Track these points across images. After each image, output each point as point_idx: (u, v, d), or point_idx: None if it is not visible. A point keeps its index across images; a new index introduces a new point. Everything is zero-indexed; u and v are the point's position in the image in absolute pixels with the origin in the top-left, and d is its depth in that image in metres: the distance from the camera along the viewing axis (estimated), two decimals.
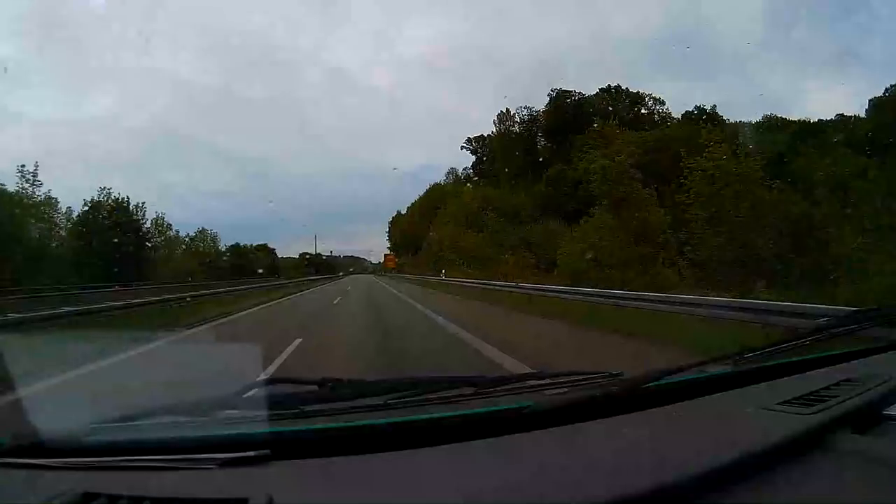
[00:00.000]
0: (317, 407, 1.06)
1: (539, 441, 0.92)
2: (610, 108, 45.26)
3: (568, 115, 46.24)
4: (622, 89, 48.26)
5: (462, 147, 59.41)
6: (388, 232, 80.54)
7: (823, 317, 2.55)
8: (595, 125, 39.37)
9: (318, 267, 77.04)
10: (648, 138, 35.28)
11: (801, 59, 62.78)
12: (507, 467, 0.82)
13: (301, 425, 1.01)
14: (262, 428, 0.97)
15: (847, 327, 1.55)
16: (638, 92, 47.73)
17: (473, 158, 59.37)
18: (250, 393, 1.11)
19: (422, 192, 67.83)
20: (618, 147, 32.22)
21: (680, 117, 41.40)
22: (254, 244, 61.18)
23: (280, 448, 0.86)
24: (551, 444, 0.91)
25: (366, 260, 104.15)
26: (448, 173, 63.67)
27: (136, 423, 1.04)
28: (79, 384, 4.67)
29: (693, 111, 40.04)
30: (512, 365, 4.96)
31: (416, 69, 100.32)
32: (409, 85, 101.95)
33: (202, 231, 49.52)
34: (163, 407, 1.08)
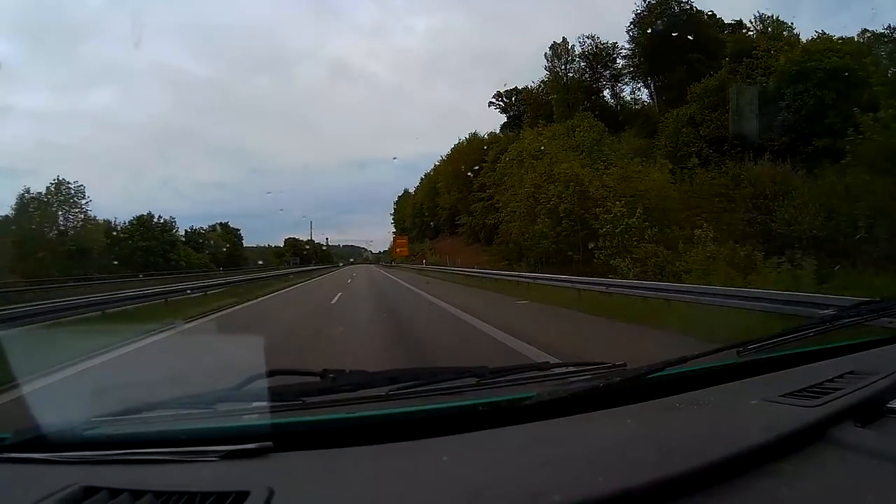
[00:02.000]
0: (318, 398, 1.06)
1: (541, 432, 0.92)
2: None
3: (679, 25, 30.67)
4: (715, 16, 32.82)
5: (490, 104, 46.67)
6: (393, 214, 72.05)
7: (828, 308, 2.53)
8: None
9: (310, 256, 67.85)
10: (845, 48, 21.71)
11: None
12: (510, 458, 0.81)
13: (303, 417, 1.01)
14: (264, 420, 0.98)
15: (851, 319, 1.53)
16: (740, 20, 31.99)
17: (504, 119, 46.18)
18: (251, 385, 1.11)
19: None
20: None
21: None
22: (206, 226, 49.08)
23: (282, 440, 0.87)
24: (554, 435, 0.91)
25: (365, 250, 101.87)
26: (469, 140, 47.97)
27: (137, 416, 1.04)
28: (81, 378, 4.64)
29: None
30: None
31: (415, 59, 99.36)
32: (407, 75, 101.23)
33: (60, 184, 30.60)
34: (164, 400, 1.08)
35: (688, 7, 32.19)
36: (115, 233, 35.31)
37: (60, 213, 31.60)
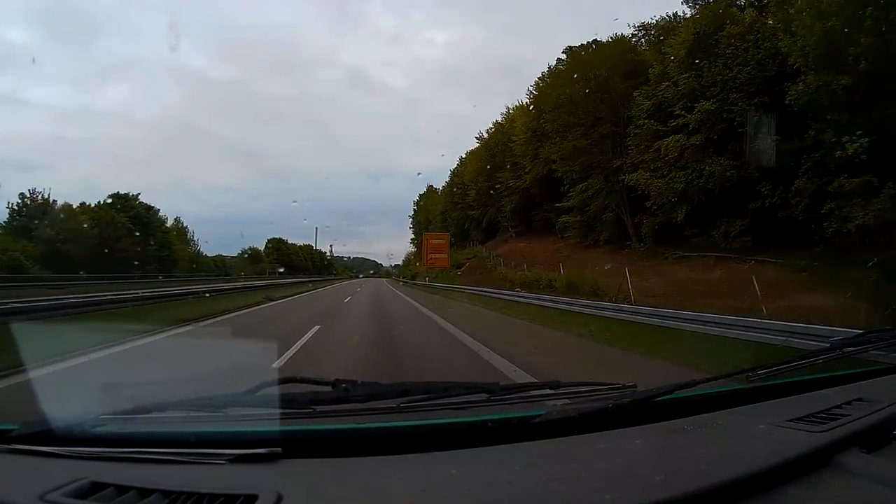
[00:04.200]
0: (329, 408, 1.08)
1: (550, 449, 0.92)
2: None
3: None
4: None
5: (557, 62, 28.43)
6: (413, 217, 60.20)
7: (836, 337, 2.32)
8: None
9: (302, 265, 59.48)
10: None
11: None
12: (518, 474, 0.82)
13: (313, 425, 1.03)
14: (274, 426, 0.99)
15: (860, 347, 1.54)
16: None
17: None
18: (263, 391, 1.12)
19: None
20: None
21: None
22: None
23: (291, 447, 0.87)
24: (562, 453, 0.92)
25: (377, 263, 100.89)
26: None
27: (146, 415, 1.06)
28: (90, 373, 4.62)
29: None
30: None
31: (433, 71, 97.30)
32: (425, 86, 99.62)
33: None
34: (174, 401, 1.10)
35: None
36: None
37: None
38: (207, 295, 13.54)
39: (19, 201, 27.71)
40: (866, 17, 10.68)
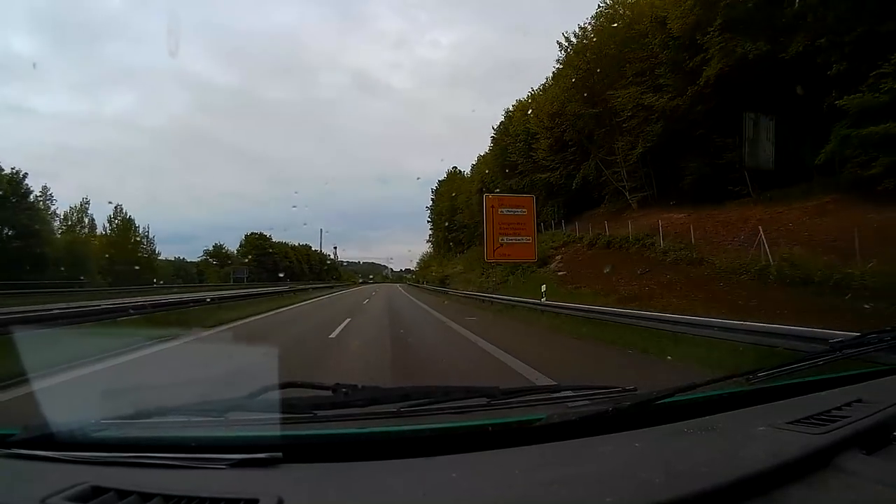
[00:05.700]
0: (330, 412, 1.08)
1: (550, 453, 0.93)
2: None
3: None
4: None
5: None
6: (431, 208, 54.45)
7: (835, 338, 2.33)
8: None
9: (293, 269, 53.79)
10: None
11: None
12: (518, 478, 0.82)
13: (314, 429, 1.03)
14: (275, 431, 0.99)
15: (859, 349, 1.54)
16: None
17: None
18: (264, 396, 1.12)
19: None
20: None
21: None
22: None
23: (292, 451, 0.88)
24: (563, 457, 0.92)
25: (384, 267, 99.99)
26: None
27: (147, 420, 1.06)
28: (93, 379, 4.64)
29: None
30: None
31: (438, 72, 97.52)
32: (430, 89, 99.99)
33: None
34: (175, 406, 1.10)
35: None
36: None
37: None
38: None
39: None
40: None
